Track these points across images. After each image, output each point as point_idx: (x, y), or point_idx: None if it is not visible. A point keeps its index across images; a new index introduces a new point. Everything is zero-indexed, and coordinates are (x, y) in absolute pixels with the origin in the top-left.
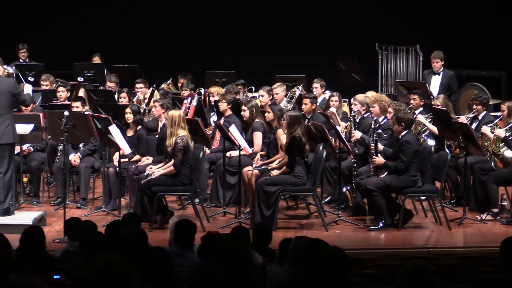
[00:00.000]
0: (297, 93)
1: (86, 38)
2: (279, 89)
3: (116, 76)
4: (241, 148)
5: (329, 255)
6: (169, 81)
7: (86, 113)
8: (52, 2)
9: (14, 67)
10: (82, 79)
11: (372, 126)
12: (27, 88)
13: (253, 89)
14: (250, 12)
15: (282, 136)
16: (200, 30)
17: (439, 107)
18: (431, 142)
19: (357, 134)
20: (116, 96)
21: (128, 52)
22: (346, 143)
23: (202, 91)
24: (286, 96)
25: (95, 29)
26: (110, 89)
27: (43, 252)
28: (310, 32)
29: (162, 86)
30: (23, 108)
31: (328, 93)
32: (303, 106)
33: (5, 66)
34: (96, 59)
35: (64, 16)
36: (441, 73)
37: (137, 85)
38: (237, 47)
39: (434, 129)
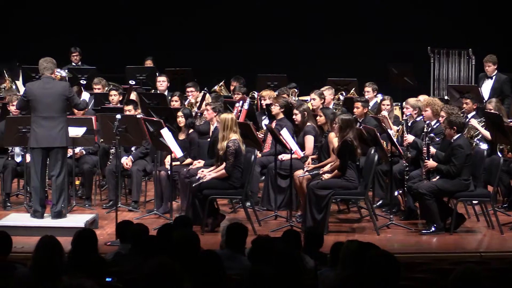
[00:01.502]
0: (341, 98)
1: (138, 41)
2: (327, 92)
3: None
4: (292, 152)
5: (377, 259)
6: (221, 83)
7: (138, 116)
8: (106, 8)
9: (66, 71)
10: (133, 82)
11: (425, 130)
12: (85, 96)
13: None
14: (302, 19)
15: (334, 140)
16: (252, 38)
17: (492, 111)
18: (483, 146)
19: (410, 138)
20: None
21: (179, 55)
22: (398, 146)
23: (255, 94)
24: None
25: (148, 33)
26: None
27: (95, 255)
28: (362, 35)
29: (215, 88)
30: (76, 111)
31: (380, 96)
32: (355, 110)
33: (58, 70)
34: (149, 63)
35: (117, 20)
36: (494, 77)
37: (188, 89)
38: (289, 51)
39: (487, 133)
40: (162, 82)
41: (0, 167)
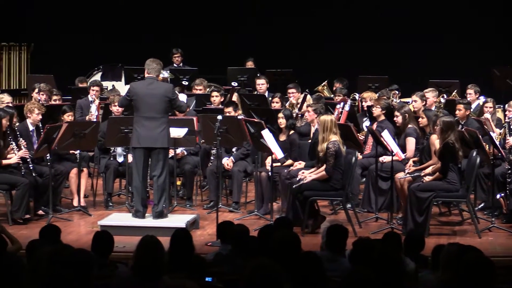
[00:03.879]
0: (442, 100)
1: (239, 43)
2: (429, 94)
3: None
4: (393, 154)
5: (472, 262)
6: (324, 83)
7: (239, 117)
8: (207, 9)
9: (168, 72)
10: (236, 84)
11: None
12: (182, 97)
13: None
14: (404, 20)
15: (436, 142)
16: (354, 38)
17: None
18: None
19: None
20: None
21: (281, 57)
22: (501, 149)
23: (357, 96)
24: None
25: (249, 34)
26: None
27: (194, 255)
28: (465, 37)
29: (318, 87)
30: (177, 112)
31: (482, 99)
32: (457, 112)
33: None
34: (250, 64)
35: (219, 21)
36: None
37: (290, 90)
38: (391, 53)
39: None
40: (261, 85)
41: (102, 167)
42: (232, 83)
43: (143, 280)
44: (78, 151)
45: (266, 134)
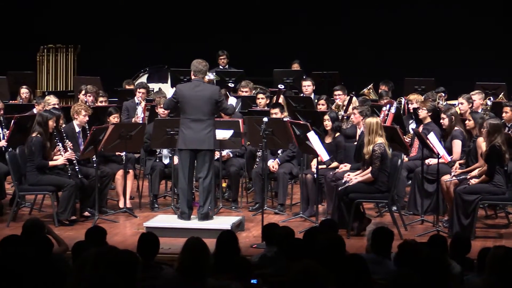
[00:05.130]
0: (489, 102)
1: (285, 45)
2: (476, 97)
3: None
4: (439, 156)
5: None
6: (370, 86)
7: (285, 119)
8: (253, 11)
9: (214, 74)
10: (282, 86)
11: None
12: (231, 100)
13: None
14: (450, 24)
15: (483, 144)
16: (402, 42)
17: None
18: None
19: None
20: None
21: (326, 59)
22: None
23: (403, 100)
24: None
25: (294, 36)
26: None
27: (240, 257)
28: (510, 40)
29: (364, 90)
30: (223, 114)
31: None
32: (504, 115)
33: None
34: (296, 66)
35: (263, 23)
36: None
37: (336, 92)
38: (436, 56)
39: None
40: (307, 87)
41: (148, 169)
42: (279, 86)
43: (188, 282)
44: (124, 153)
45: (312, 136)
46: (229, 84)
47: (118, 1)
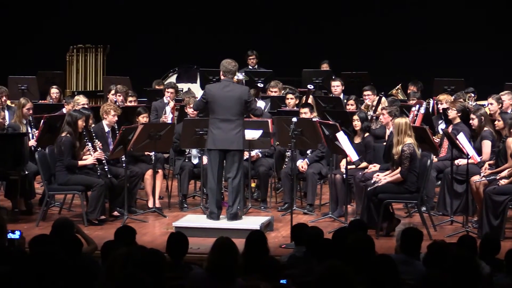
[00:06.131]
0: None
1: (314, 45)
2: (505, 97)
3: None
4: (469, 157)
5: None
6: (398, 87)
7: (314, 119)
8: (283, 12)
9: (243, 74)
10: (312, 87)
11: None
12: (259, 103)
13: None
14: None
15: None
16: (431, 40)
17: None
18: None
19: None
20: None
21: (356, 59)
22: None
23: (431, 102)
24: None
25: (322, 36)
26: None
27: (269, 257)
28: None
29: (392, 91)
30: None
31: None
32: None
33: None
34: (325, 66)
35: (294, 25)
36: None
37: (365, 92)
38: (467, 56)
39: None
40: (336, 87)
41: (177, 169)
42: (308, 86)
43: (217, 282)
44: (153, 153)
45: (341, 137)
46: (258, 84)
47: (148, 1)
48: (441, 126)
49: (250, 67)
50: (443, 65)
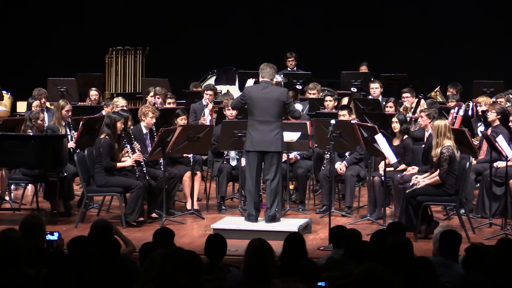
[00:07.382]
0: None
1: (353, 47)
2: None
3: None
4: (508, 159)
5: None
6: (437, 89)
7: (352, 121)
8: (328, 15)
9: (282, 76)
10: (355, 90)
11: None
12: (297, 106)
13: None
14: None
15: None
16: (471, 40)
17: None
18: None
19: None
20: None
21: (395, 61)
22: None
23: (470, 104)
24: None
25: (361, 38)
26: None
27: (307, 259)
28: None
29: (431, 93)
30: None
31: None
32: None
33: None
34: (364, 68)
35: (340, 25)
36: None
37: (404, 94)
38: (507, 58)
39: None
40: (375, 89)
41: (215, 171)
42: (352, 89)
43: (253, 283)
44: (192, 155)
45: (380, 139)
46: (297, 86)
47: (187, 3)
48: (480, 128)
49: (289, 69)
50: (482, 67)
